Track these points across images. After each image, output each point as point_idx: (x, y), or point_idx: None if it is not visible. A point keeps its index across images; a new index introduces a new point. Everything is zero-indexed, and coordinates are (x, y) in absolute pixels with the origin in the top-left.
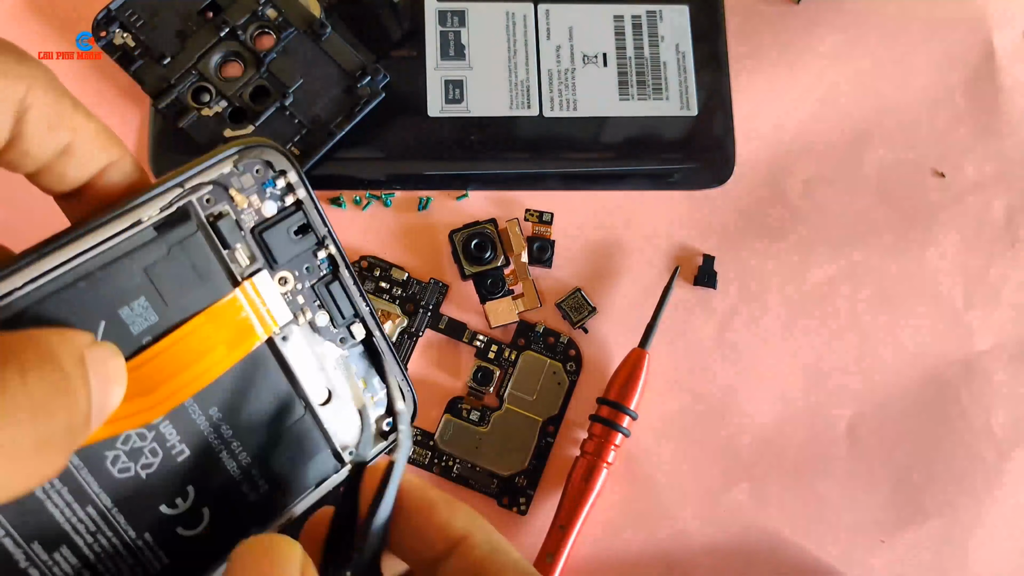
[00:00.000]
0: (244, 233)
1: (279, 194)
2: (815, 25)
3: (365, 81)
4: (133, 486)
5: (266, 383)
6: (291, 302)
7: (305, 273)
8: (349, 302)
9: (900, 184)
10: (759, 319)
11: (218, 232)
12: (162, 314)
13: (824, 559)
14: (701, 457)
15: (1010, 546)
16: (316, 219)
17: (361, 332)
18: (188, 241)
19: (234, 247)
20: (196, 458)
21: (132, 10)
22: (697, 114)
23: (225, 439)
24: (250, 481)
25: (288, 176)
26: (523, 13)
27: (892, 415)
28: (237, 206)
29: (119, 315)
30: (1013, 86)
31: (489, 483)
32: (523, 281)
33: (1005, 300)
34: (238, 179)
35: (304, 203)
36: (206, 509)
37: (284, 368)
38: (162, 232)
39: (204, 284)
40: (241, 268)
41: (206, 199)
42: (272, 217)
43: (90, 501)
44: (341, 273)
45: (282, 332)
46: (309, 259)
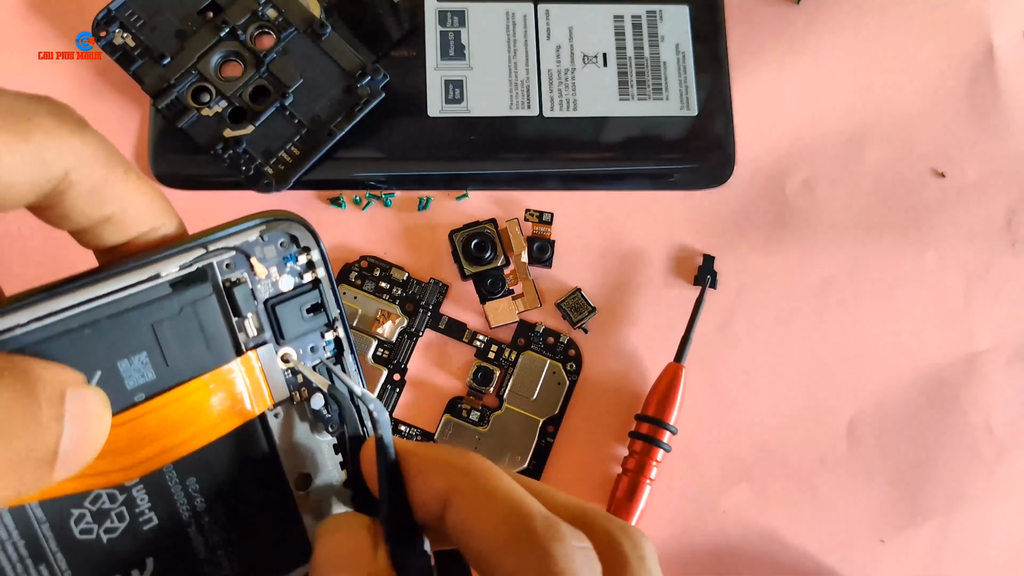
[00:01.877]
0: (257, 303)
1: (299, 270)
2: (815, 25)
3: (365, 81)
4: (92, 550)
5: (249, 460)
6: (290, 380)
7: (309, 353)
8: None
9: (900, 184)
10: (759, 319)
11: (232, 299)
12: (160, 373)
13: (824, 559)
14: (700, 457)
15: (1010, 546)
16: (331, 300)
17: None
18: (201, 303)
19: (245, 316)
20: (163, 529)
21: (132, 10)
22: (697, 114)
23: (197, 512)
24: (214, 563)
25: (311, 254)
26: (523, 13)
27: (892, 415)
28: (256, 276)
29: (117, 367)
30: (1013, 86)
31: None
32: (523, 281)
33: (1005, 300)
34: (261, 249)
35: (322, 283)
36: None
37: (270, 446)
38: (177, 290)
39: (208, 349)
40: (247, 338)
41: (226, 264)
42: (287, 292)
43: (44, 560)
44: (345, 358)
45: (275, 410)
46: (316, 339)
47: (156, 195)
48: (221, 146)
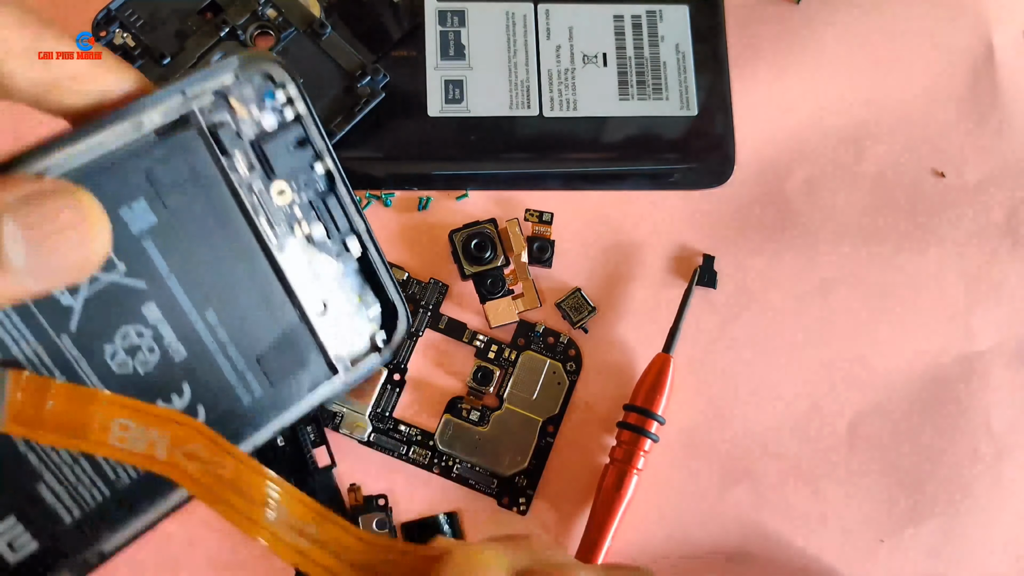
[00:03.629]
0: (244, 143)
1: (279, 107)
2: (815, 25)
3: (365, 81)
4: (131, 381)
5: (262, 291)
6: (288, 214)
7: (303, 186)
8: (345, 216)
9: (900, 184)
10: (759, 319)
11: (217, 139)
12: (160, 216)
13: (824, 559)
14: (700, 457)
15: (1010, 546)
16: (314, 133)
17: (356, 247)
18: (188, 146)
19: (233, 155)
20: (192, 358)
21: (132, 10)
22: (697, 114)
23: (220, 342)
24: (244, 384)
25: (288, 90)
26: (523, 13)
27: (892, 415)
28: (237, 116)
29: (119, 214)
30: (1013, 86)
31: (489, 483)
32: (523, 281)
33: (1005, 300)
34: (239, 90)
35: (303, 117)
36: (201, 407)
37: (280, 277)
38: (163, 136)
39: (203, 190)
40: (240, 177)
41: (208, 109)
42: (271, 129)
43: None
44: (337, 187)
45: (279, 242)
46: (307, 172)
47: (105, 54)
48: None
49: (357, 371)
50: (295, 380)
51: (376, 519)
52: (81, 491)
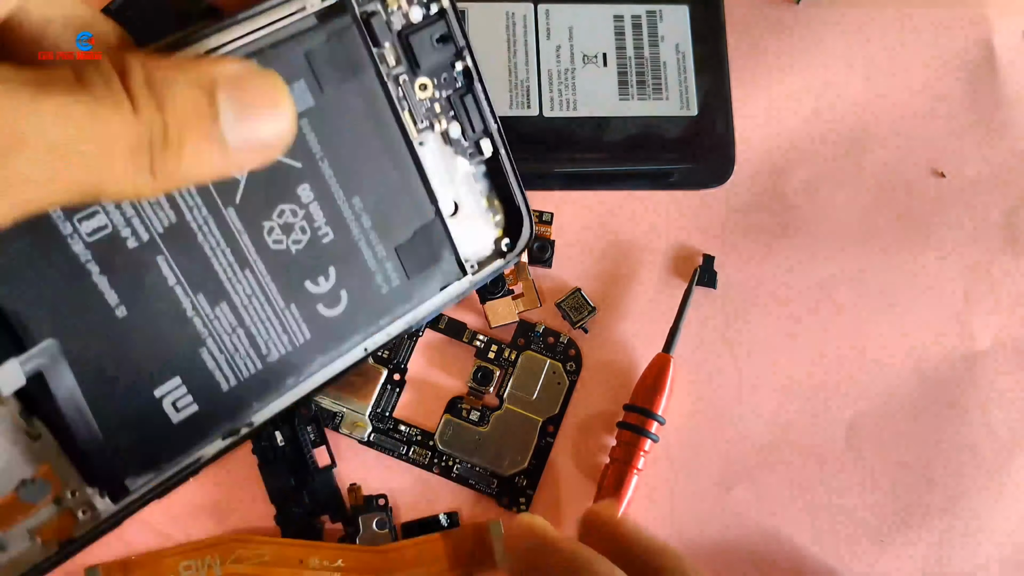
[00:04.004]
0: (392, 34)
1: (425, 1)
2: (815, 25)
3: None
4: (284, 258)
5: (404, 183)
6: (429, 109)
7: (443, 82)
8: (480, 116)
9: (900, 184)
10: (759, 319)
11: (370, 28)
12: (317, 100)
13: (824, 559)
14: (700, 457)
15: (1010, 546)
16: (456, 29)
17: (489, 148)
18: (344, 32)
19: (383, 45)
20: (338, 242)
21: (132, 10)
22: (697, 114)
23: (364, 229)
24: (383, 273)
25: None
26: (523, 13)
27: (892, 415)
28: (388, 6)
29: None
30: (1013, 86)
31: (489, 483)
32: (523, 281)
33: (1005, 300)
34: None
35: (447, 12)
36: (344, 292)
37: (420, 171)
38: (322, 21)
39: (355, 77)
40: (388, 68)
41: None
42: (418, 23)
43: (248, 265)
44: (475, 87)
45: (419, 137)
46: (447, 69)
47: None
48: None
49: (482, 273)
50: (429, 275)
51: (376, 519)
52: (238, 361)
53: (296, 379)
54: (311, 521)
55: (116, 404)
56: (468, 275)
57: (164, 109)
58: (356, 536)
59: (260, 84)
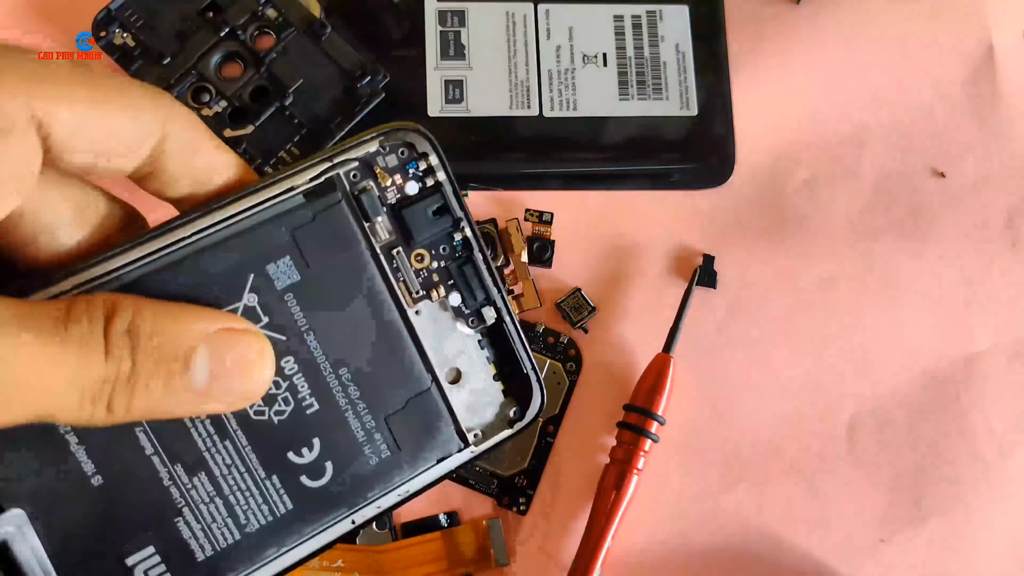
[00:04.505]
0: (385, 209)
1: (420, 175)
2: (815, 25)
3: (365, 81)
4: (265, 429)
5: (396, 353)
6: (425, 279)
7: (441, 253)
8: (481, 285)
9: (900, 184)
10: (759, 319)
11: (360, 205)
12: (303, 274)
13: (824, 559)
14: (700, 457)
15: (1010, 546)
16: (453, 201)
17: (491, 316)
18: (332, 209)
19: (375, 220)
20: (323, 413)
21: (132, 10)
22: (697, 114)
23: (352, 400)
24: (372, 444)
25: (430, 159)
26: (523, 13)
27: (892, 415)
28: (381, 183)
29: (266, 270)
30: (1013, 86)
31: (489, 483)
32: (523, 281)
33: (1005, 300)
34: (383, 159)
35: (443, 185)
36: (329, 464)
37: (415, 340)
38: (309, 200)
39: (344, 252)
40: (380, 241)
41: (352, 175)
42: (412, 196)
43: (228, 436)
44: (475, 256)
45: (415, 307)
46: (445, 240)
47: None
48: None
49: (486, 444)
50: (424, 446)
51: None
52: (215, 530)
53: (277, 550)
54: None
55: (86, 574)
56: (470, 446)
57: (136, 357)
58: (356, 536)
59: (244, 346)
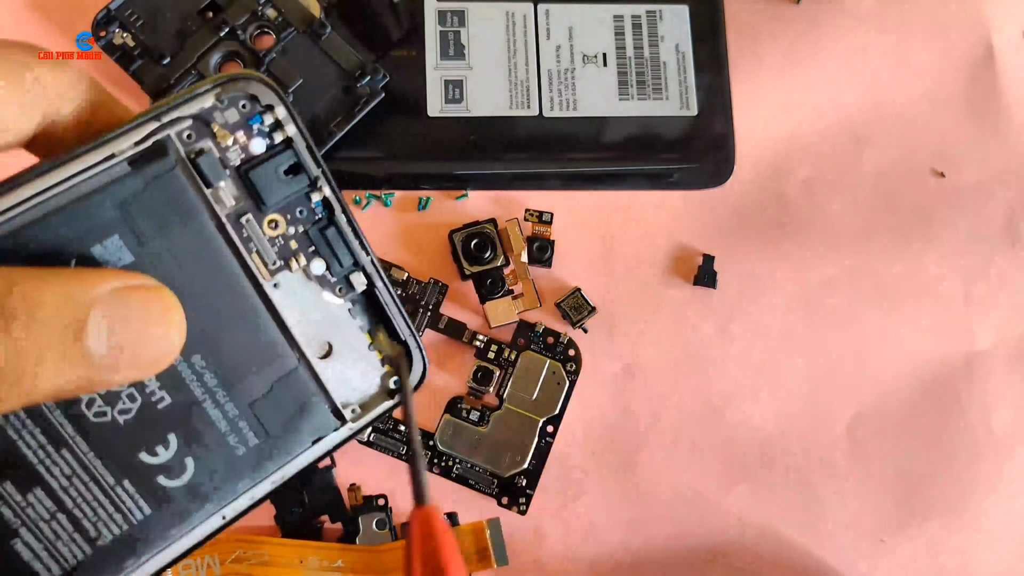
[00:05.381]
0: (228, 172)
1: (267, 131)
2: (815, 25)
3: (365, 81)
4: (110, 431)
5: (255, 333)
6: (282, 247)
7: (299, 217)
8: (347, 249)
9: (900, 184)
10: (759, 319)
11: (199, 169)
12: (137, 254)
13: (824, 559)
14: (701, 457)
15: (1010, 545)
16: (307, 158)
17: (361, 282)
18: (165, 177)
19: (217, 186)
20: (177, 406)
21: (132, 10)
22: (697, 114)
23: (209, 388)
24: (238, 434)
25: (276, 112)
26: (523, 13)
27: (892, 415)
28: (221, 142)
29: (91, 252)
30: (1013, 86)
31: (489, 483)
32: (523, 281)
33: (1005, 300)
34: (221, 114)
35: (295, 140)
36: (190, 460)
37: (275, 317)
38: (137, 167)
39: (184, 225)
40: (226, 208)
41: (186, 135)
42: (260, 155)
43: (65, 444)
44: (337, 218)
45: (273, 279)
46: (303, 202)
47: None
48: None
49: (366, 418)
50: (296, 429)
51: (376, 519)
52: (60, 548)
53: (136, 560)
54: (311, 521)
55: None
56: (347, 422)
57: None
58: (356, 536)
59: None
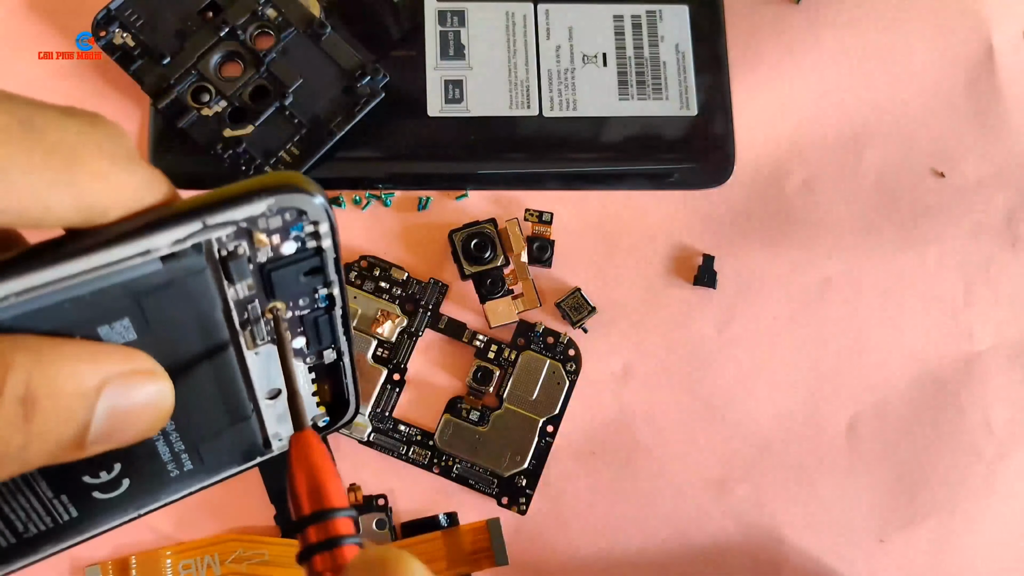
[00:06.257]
0: (252, 268)
1: (303, 237)
2: (815, 25)
3: (365, 81)
4: (60, 464)
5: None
6: (270, 330)
7: (299, 304)
8: (331, 335)
9: (900, 184)
10: (759, 319)
11: (226, 269)
12: (140, 333)
13: (824, 559)
14: (701, 457)
15: (1009, 545)
16: (331, 267)
17: (331, 356)
18: (192, 274)
19: (237, 282)
20: (131, 446)
21: (132, 10)
22: (697, 114)
23: (166, 432)
24: (177, 463)
25: (319, 228)
26: (523, 13)
27: (892, 415)
28: (256, 247)
29: (98, 333)
30: (1013, 86)
31: (489, 483)
32: (523, 281)
33: (1005, 300)
34: (266, 221)
35: (325, 253)
36: (127, 480)
37: (245, 378)
38: (167, 262)
39: (193, 312)
40: (238, 296)
41: (225, 238)
42: (287, 256)
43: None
44: (334, 313)
45: (255, 349)
46: (307, 294)
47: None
48: (221, 146)
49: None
50: (228, 458)
51: (376, 519)
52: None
53: (55, 547)
54: None
55: None
56: (272, 451)
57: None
58: None
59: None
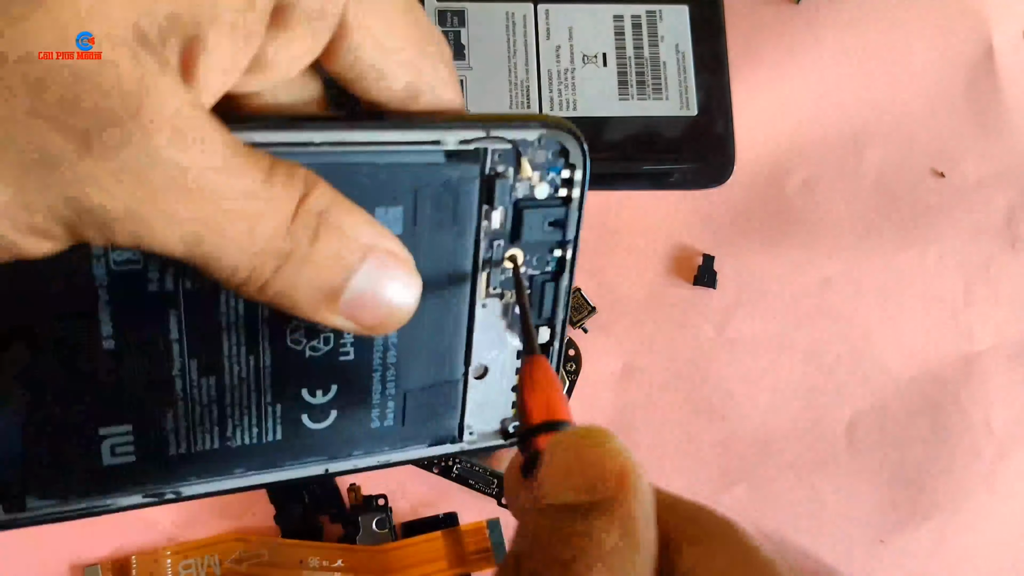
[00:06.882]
0: (509, 200)
1: (557, 183)
2: (815, 25)
3: None
4: (293, 359)
5: (448, 337)
6: (506, 280)
7: (533, 262)
8: (552, 309)
9: (900, 184)
10: (759, 319)
11: (491, 188)
12: (406, 230)
13: (824, 559)
14: (700, 457)
15: (1009, 545)
16: (574, 224)
17: (545, 336)
18: (465, 182)
19: (495, 207)
20: (354, 366)
21: None
22: (697, 114)
23: (386, 363)
24: (381, 410)
25: (575, 173)
26: (523, 13)
27: (892, 415)
28: (519, 174)
29: (374, 210)
30: (1013, 86)
31: (489, 483)
32: None
33: (1005, 300)
34: (534, 151)
35: (572, 202)
36: (335, 412)
37: (469, 332)
38: (450, 161)
39: (454, 225)
40: (488, 227)
41: (498, 154)
42: (539, 199)
43: (255, 351)
44: (562, 279)
45: (485, 299)
46: (544, 251)
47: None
48: None
49: (477, 444)
50: (424, 429)
51: (376, 519)
52: (198, 433)
53: (244, 471)
54: (311, 521)
55: (55, 425)
56: (462, 443)
57: (314, 245)
58: (356, 536)
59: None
